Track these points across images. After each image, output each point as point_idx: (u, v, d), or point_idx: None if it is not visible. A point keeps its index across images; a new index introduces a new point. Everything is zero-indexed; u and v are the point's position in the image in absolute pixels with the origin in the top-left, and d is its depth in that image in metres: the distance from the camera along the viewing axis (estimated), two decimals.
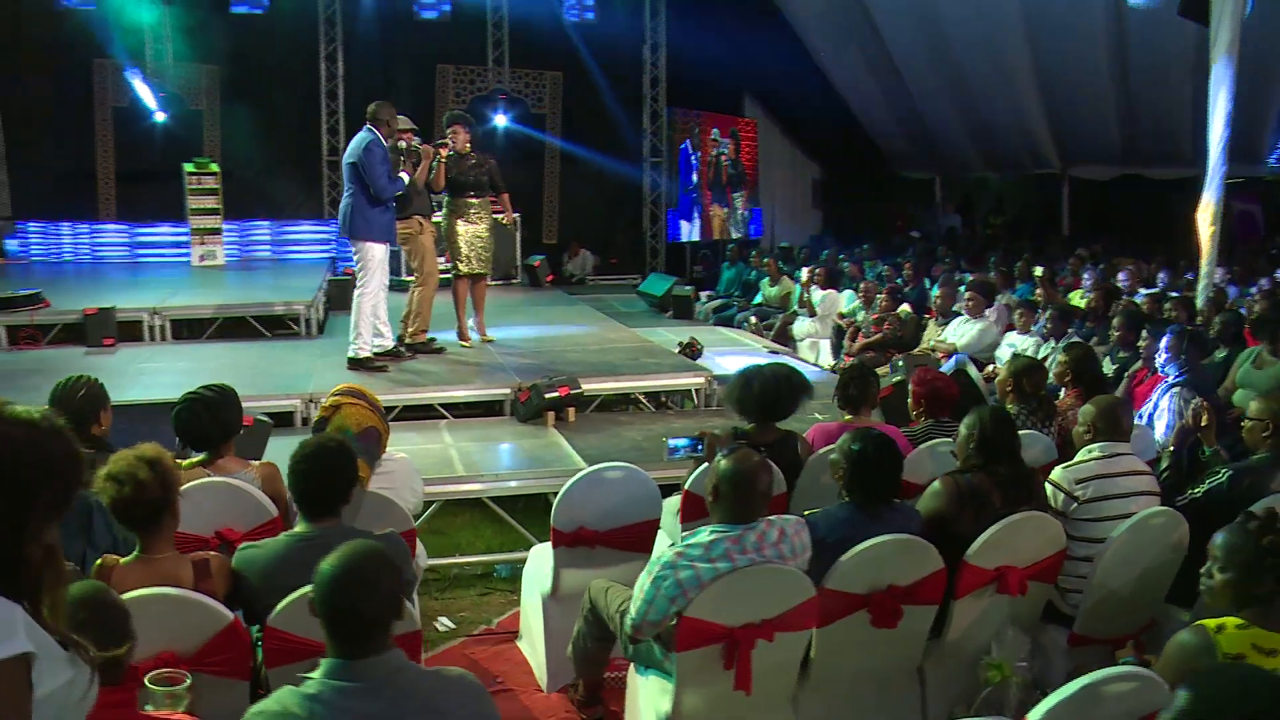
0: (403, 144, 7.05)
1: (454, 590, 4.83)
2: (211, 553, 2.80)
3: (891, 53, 13.50)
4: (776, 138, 17.35)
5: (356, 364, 6.62)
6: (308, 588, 2.21)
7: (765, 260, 11.50)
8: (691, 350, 7.48)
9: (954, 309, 7.70)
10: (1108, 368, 6.16)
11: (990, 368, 7.10)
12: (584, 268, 14.87)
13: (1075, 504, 3.40)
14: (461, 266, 7.51)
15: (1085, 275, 9.75)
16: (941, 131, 15.30)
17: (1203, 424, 3.76)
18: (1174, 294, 7.26)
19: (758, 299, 11.39)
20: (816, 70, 15.19)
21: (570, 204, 15.05)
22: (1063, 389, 4.73)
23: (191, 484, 3.26)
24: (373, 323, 6.75)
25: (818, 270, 10.16)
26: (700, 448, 3.56)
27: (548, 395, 5.82)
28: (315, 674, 1.87)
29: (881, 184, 18.23)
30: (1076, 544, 3.39)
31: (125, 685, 1.97)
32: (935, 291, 8.29)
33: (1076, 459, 3.53)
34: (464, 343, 7.55)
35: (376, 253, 6.54)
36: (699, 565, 2.76)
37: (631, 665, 3.24)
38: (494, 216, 7.71)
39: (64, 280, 9.63)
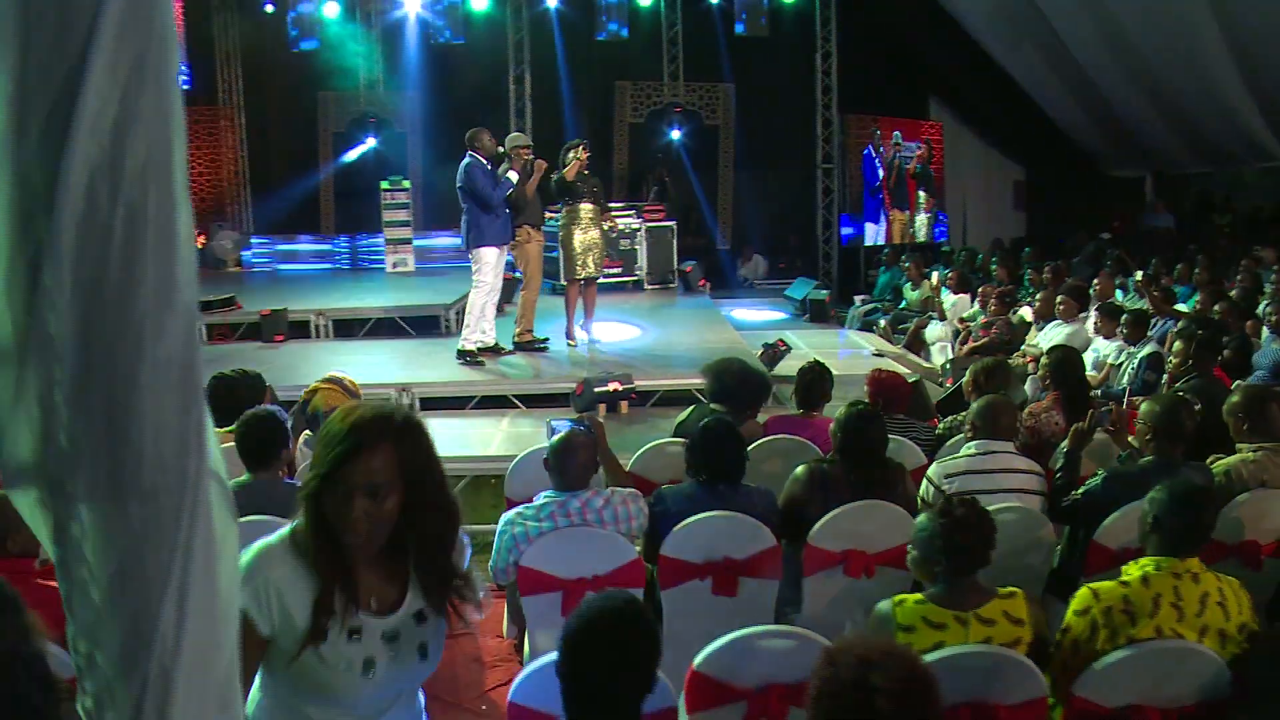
0: (529, 160, 7.81)
1: (483, 554, 5.52)
2: None
3: (1069, 46, 12.91)
4: (968, 139, 16.93)
5: (461, 355, 7.51)
6: (245, 519, 3.00)
7: (907, 264, 11.44)
8: (774, 352, 7.77)
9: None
10: None
11: None
12: (756, 272, 15.29)
13: (943, 497, 3.57)
14: (579, 270, 8.20)
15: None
16: (1138, 125, 14.38)
17: (1110, 427, 3.77)
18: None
19: (904, 303, 11.38)
20: (1002, 69, 14.76)
21: (743, 210, 15.51)
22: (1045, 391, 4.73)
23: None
24: (479, 320, 7.60)
25: (949, 274, 10.07)
26: (589, 428, 4.00)
27: (598, 389, 6.41)
28: None
29: (1089, 184, 17.28)
30: None
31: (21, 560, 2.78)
32: (1038, 295, 8.09)
33: (958, 454, 3.69)
34: (570, 342, 8.26)
35: (489, 257, 7.37)
36: (529, 524, 3.27)
37: None
38: (603, 225, 8.40)
39: (270, 286, 11.27)
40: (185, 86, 13.39)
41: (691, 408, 4.67)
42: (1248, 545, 3.50)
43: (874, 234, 14.97)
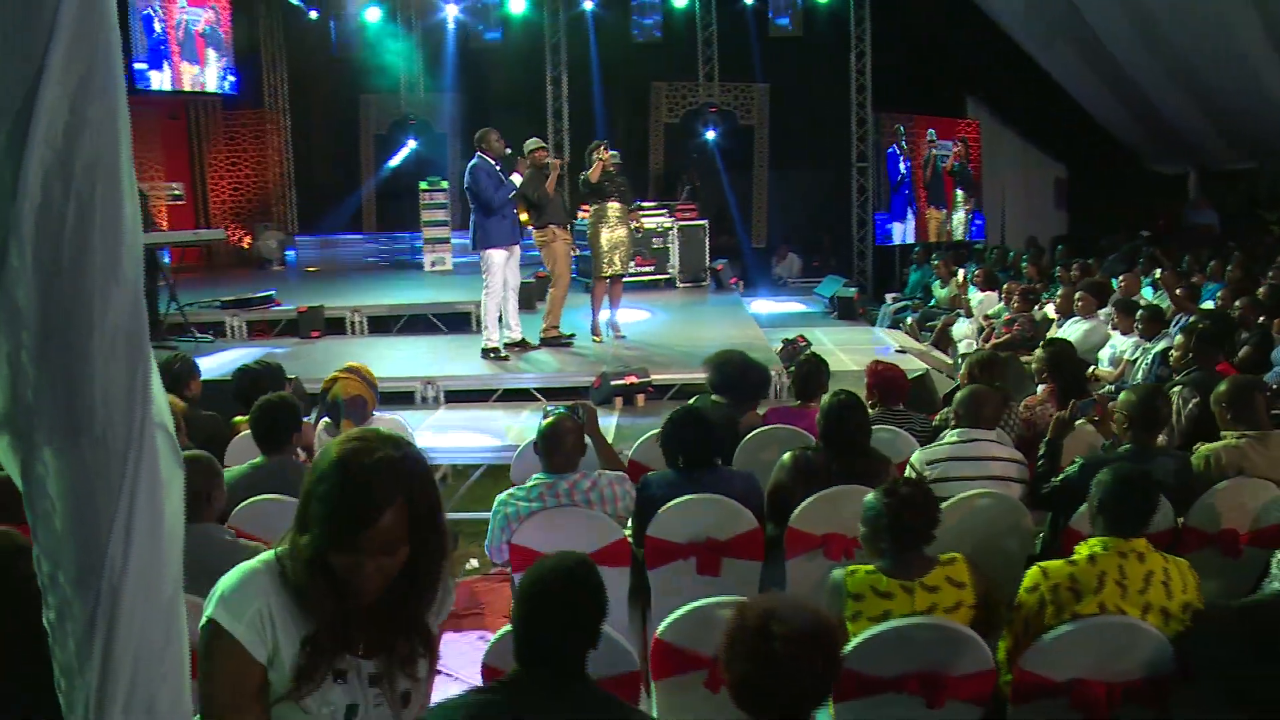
0: (544, 161, 8.03)
1: None
2: None
3: (1104, 42, 12.81)
4: (1007, 138, 16.86)
5: (485, 353, 7.72)
6: (257, 498, 3.29)
7: (936, 261, 11.47)
8: (793, 347, 7.88)
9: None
10: None
11: (1091, 369, 6.98)
12: (791, 270, 15.38)
13: (926, 484, 3.69)
14: (605, 268, 8.38)
15: None
16: (1179, 121, 14.21)
17: (1095, 418, 3.85)
18: None
19: (933, 301, 11.41)
20: (1040, 67, 14.68)
21: (779, 209, 15.60)
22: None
23: (239, 436, 4.44)
24: (498, 319, 7.79)
25: (977, 272, 10.10)
26: (579, 413, 4.18)
27: (614, 382, 6.59)
28: None
29: (1132, 181, 17.08)
30: None
31: None
32: (1059, 290, 8.11)
33: (941, 442, 3.80)
34: (596, 338, 8.44)
35: (496, 258, 7.55)
36: (520, 503, 3.46)
37: None
38: (630, 224, 8.58)
39: (311, 284, 11.61)
40: (233, 92, 13.85)
41: (694, 398, 4.83)
42: (1226, 534, 3.57)
43: (901, 233, 14.96)
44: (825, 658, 1.76)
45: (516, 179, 7.54)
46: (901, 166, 14.82)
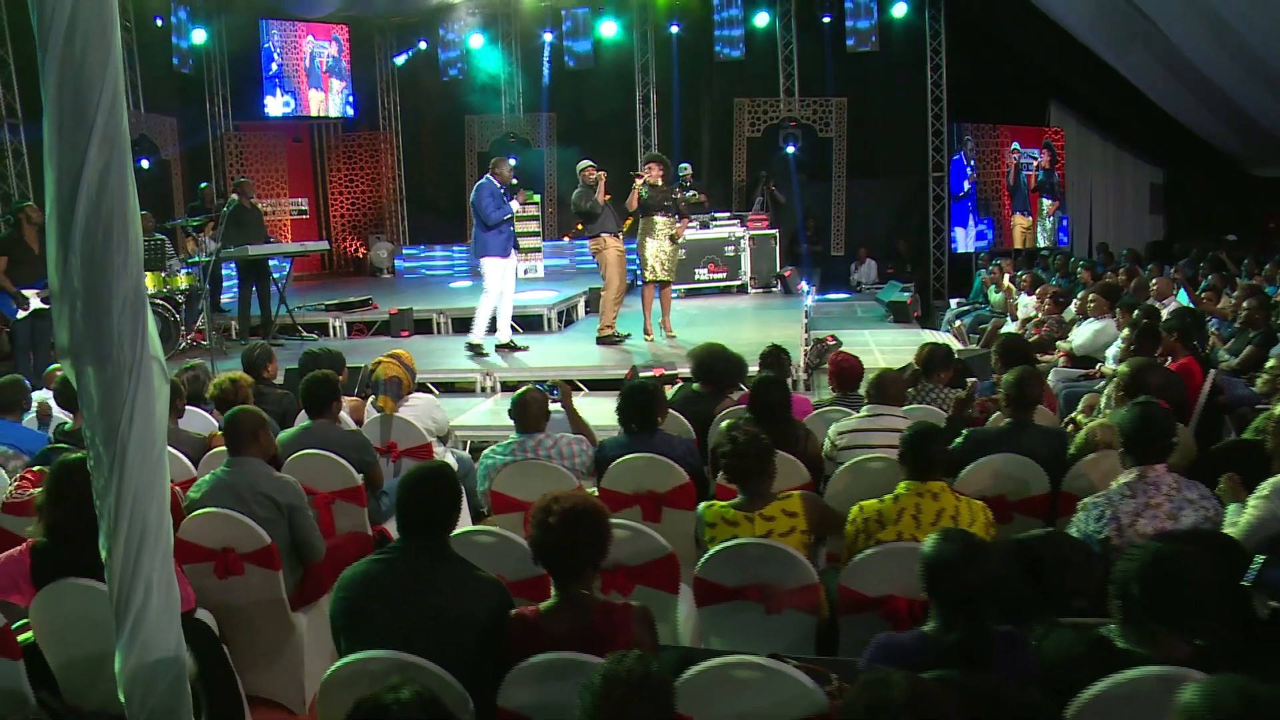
0: (593, 178, 8.96)
1: None
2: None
3: (1180, 47, 12.88)
4: (1095, 143, 16.90)
5: (469, 347, 8.73)
6: (303, 451, 4.29)
7: (992, 267, 11.87)
8: (823, 346, 8.57)
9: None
10: None
11: (1099, 366, 7.44)
12: (868, 276, 15.90)
13: (837, 451, 4.42)
14: (648, 275, 9.25)
15: None
16: (1269, 122, 14.07)
17: (994, 398, 4.48)
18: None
19: (987, 305, 11.82)
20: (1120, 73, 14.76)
21: (856, 218, 16.14)
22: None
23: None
24: (487, 320, 8.76)
25: (1023, 276, 10.51)
26: (555, 392, 5.03)
27: (642, 374, 7.43)
28: None
29: (1233, 185, 16.83)
30: None
31: None
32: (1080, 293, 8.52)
33: (852, 416, 4.52)
34: (646, 336, 9.30)
35: (495, 267, 8.54)
36: (497, 456, 4.36)
37: None
38: (673, 236, 9.42)
39: (411, 290, 12.88)
40: (351, 115, 15.34)
41: (679, 385, 5.64)
42: None
43: (965, 239, 15.28)
44: (588, 531, 2.58)
45: (515, 205, 8.50)
46: (966, 185, 15.14)
